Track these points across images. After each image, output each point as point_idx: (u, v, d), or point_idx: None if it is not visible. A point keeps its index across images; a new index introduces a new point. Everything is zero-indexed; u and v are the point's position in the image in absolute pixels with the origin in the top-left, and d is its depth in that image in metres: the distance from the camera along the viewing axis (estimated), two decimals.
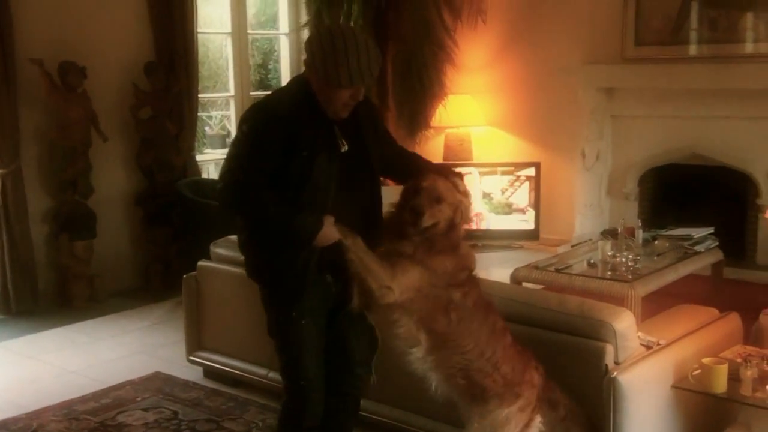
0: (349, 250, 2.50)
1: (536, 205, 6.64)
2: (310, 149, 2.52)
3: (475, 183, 6.68)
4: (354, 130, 2.64)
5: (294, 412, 2.72)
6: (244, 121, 2.59)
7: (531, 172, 6.63)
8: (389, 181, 2.99)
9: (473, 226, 6.71)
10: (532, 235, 6.65)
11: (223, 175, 2.62)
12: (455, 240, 2.63)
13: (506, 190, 6.73)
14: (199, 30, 6.23)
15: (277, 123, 2.52)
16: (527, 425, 2.70)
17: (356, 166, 2.64)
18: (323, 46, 2.45)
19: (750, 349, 3.01)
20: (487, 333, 2.66)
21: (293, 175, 2.53)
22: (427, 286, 2.56)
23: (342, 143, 2.59)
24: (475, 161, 6.96)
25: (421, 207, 2.52)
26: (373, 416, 3.36)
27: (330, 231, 2.52)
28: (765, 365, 2.80)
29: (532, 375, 2.71)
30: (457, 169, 2.83)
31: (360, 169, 2.66)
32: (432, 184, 2.58)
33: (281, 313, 2.68)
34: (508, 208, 6.72)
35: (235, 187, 2.56)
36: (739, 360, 2.84)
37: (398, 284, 2.51)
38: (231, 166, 2.59)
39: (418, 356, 2.63)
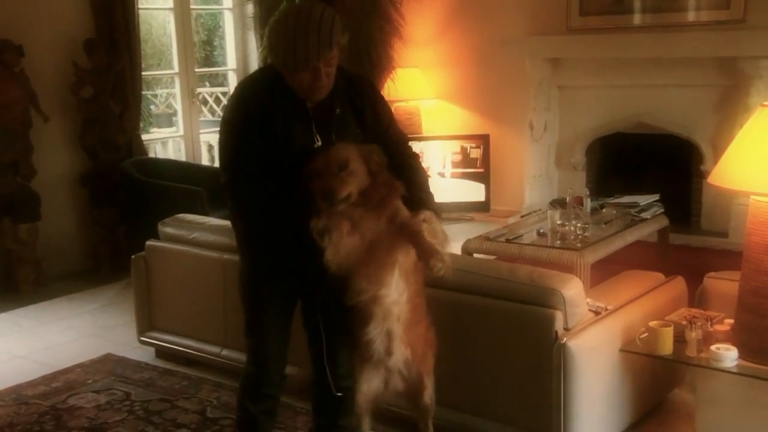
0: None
1: (486, 177, 6.68)
2: (285, 133, 2.50)
3: (434, 156, 6.72)
4: (332, 124, 2.57)
5: (252, 376, 2.76)
6: (222, 122, 2.61)
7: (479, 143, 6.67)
8: None
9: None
10: (483, 207, 6.70)
11: (221, 172, 2.66)
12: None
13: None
14: (140, 5, 6.08)
15: (249, 111, 2.51)
16: None
17: None
18: (275, 30, 2.45)
19: (695, 311, 3.08)
20: None
21: (272, 160, 2.51)
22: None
23: (317, 139, 2.55)
24: (424, 134, 6.97)
25: (330, 186, 2.39)
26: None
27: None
28: (709, 327, 2.86)
29: None
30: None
31: None
32: (336, 153, 2.47)
33: (250, 273, 2.69)
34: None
35: (234, 185, 2.59)
36: (684, 322, 2.90)
37: None
38: (223, 163, 2.63)
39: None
